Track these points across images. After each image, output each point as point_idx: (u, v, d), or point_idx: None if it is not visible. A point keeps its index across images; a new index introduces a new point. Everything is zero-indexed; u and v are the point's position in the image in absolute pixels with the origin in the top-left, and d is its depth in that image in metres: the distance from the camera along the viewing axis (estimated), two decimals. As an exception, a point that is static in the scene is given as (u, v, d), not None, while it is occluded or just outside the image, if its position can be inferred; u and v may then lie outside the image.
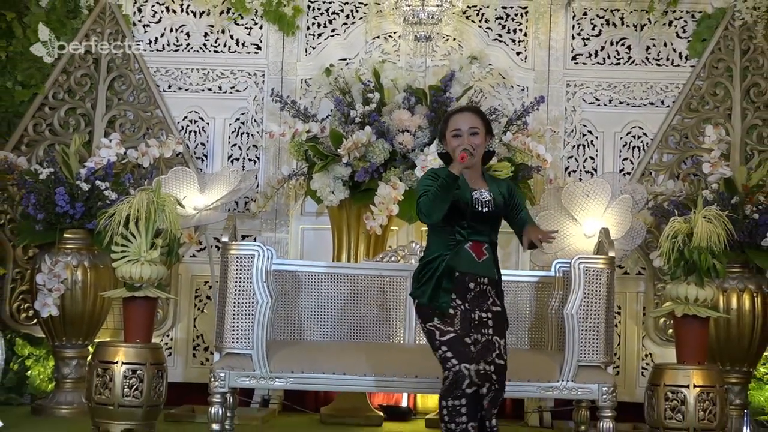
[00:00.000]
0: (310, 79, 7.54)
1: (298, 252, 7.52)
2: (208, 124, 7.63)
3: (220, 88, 7.64)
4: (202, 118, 7.63)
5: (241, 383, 5.67)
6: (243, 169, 7.46)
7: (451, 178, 4.81)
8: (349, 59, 7.59)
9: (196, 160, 7.52)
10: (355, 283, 6.05)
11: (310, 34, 7.65)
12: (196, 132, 7.63)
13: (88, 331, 6.92)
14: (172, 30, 7.67)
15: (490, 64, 7.46)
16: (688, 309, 5.87)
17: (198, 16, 7.65)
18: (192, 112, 7.63)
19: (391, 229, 7.05)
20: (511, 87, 7.55)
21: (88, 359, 6.44)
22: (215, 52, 7.65)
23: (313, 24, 7.65)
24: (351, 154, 6.71)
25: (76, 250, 6.85)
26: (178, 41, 7.66)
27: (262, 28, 7.64)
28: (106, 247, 6.18)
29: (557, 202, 6.92)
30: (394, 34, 7.58)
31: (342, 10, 7.65)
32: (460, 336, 4.82)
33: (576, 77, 7.56)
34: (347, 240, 7.02)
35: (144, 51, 7.60)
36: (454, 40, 7.56)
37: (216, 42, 7.66)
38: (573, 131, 7.54)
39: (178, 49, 7.66)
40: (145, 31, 7.66)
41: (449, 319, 4.85)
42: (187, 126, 7.62)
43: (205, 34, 7.66)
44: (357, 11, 7.63)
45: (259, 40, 7.65)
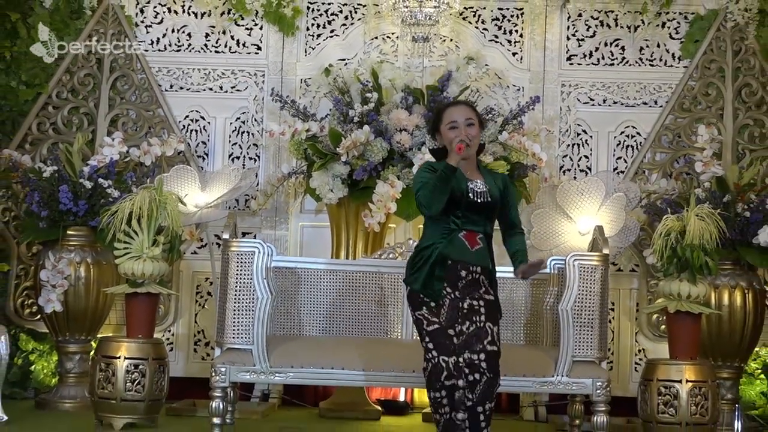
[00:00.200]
0: (310, 79, 7.54)
1: (298, 249, 7.51)
2: (209, 123, 7.62)
3: (221, 88, 7.63)
4: (203, 117, 7.62)
5: (242, 378, 5.68)
6: (243, 168, 7.46)
7: (449, 170, 4.81)
8: (348, 59, 7.58)
9: (197, 159, 7.52)
10: (353, 279, 6.06)
11: (309, 35, 7.65)
12: (197, 131, 7.62)
13: (91, 327, 6.92)
14: (173, 30, 7.66)
15: (487, 65, 7.45)
16: (680, 305, 5.88)
17: (199, 17, 7.65)
18: (193, 111, 7.63)
19: (389, 226, 7.05)
20: (507, 87, 7.55)
21: (91, 354, 6.45)
22: (216, 52, 7.65)
23: (313, 25, 7.65)
24: (350, 152, 6.71)
25: (80, 246, 6.84)
26: (179, 42, 7.65)
27: (262, 29, 7.63)
28: (108, 244, 6.19)
29: (552, 201, 6.92)
30: (392, 35, 7.57)
31: (341, 11, 7.64)
32: (444, 328, 4.82)
33: (571, 77, 7.56)
34: (346, 237, 7.02)
35: (146, 51, 7.60)
36: (451, 40, 7.56)
37: (217, 42, 7.65)
38: (568, 130, 7.53)
39: (179, 50, 7.65)
40: (147, 32, 7.65)
41: (437, 309, 4.85)
42: (189, 125, 7.62)
43: (206, 35, 7.65)
44: (356, 12, 7.63)
45: (260, 40, 7.64)
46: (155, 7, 7.66)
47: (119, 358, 5.94)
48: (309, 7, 7.64)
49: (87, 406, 6.48)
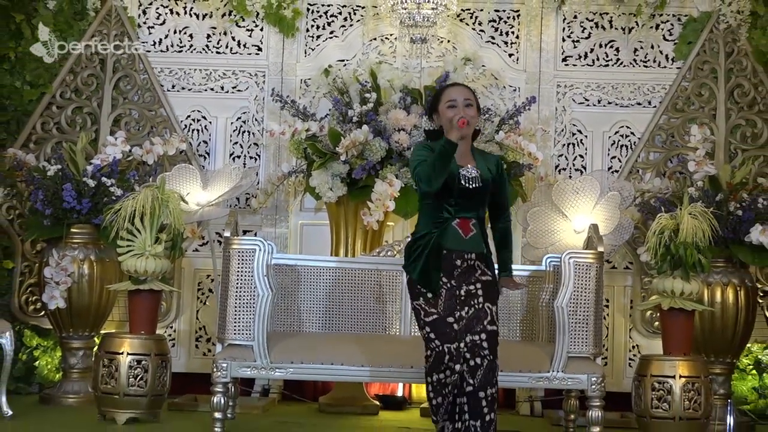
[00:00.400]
0: (309, 79, 7.53)
1: (298, 246, 7.51)
2: (210, 122, 7.62)
3: (222, 88, 7.62)
4: (204, 117, 7.62)
5: (243, 373, 5.67)
6: (244, 167, 7.45)
7: (449, 145, 4.78)
8: (347, 60, 7.58)
9: (198, 158, 7.51)
10: (352, 276, 6.05)
11: (309, 36, 7.64)
12: (198, 130, 7.61)
13: (95, 323, 6.91)
14: (175, 32, 7.65)
15: (484, 66, 7.44)
16: (674, 302, 5.88)
17: (201, 18, 7.64)
18: (195, 111, 7.62)
19: (387, 224, 7.05)
20: (504, 87, 7.54)
21: (95, 350, 6.45)
22: (217, 53, 7.64)
23: (312, 26, 7.64)
24: (349, 152, 6.70)
25: (83, 244, 6.84)
26: (181, 42, 7.64)
27: (262, 30, 7.63)
28: (111, 241, 6.18)
29: (548, 199, 6.92)
30: (391, 36, 7.57)
31: (340, 13, 7.63)
32: (443, 317, 4.83)
33: (566, 78, 7.56)
34: (345, 235, 7.01)
35: (148, 52, 7.59)
36: (449, 42, 7.55)
37: (218, 43, 7.64)
38: (563, 130, 7.53)
39: (181, 50, 7.64)
40: (150, 33, 7.65)
41: (434, 300, 4.86)
42: (190, 125, 7.61)
43: (208, 36, 7.64)
44: (355, 14, 7.62)
45: (260, 41, 7.64)
46: (157, 8, 7.65)
47: (122, 353, 5.93)
48: (309, 9, 7.64)
49: (90, 401, 6.48)
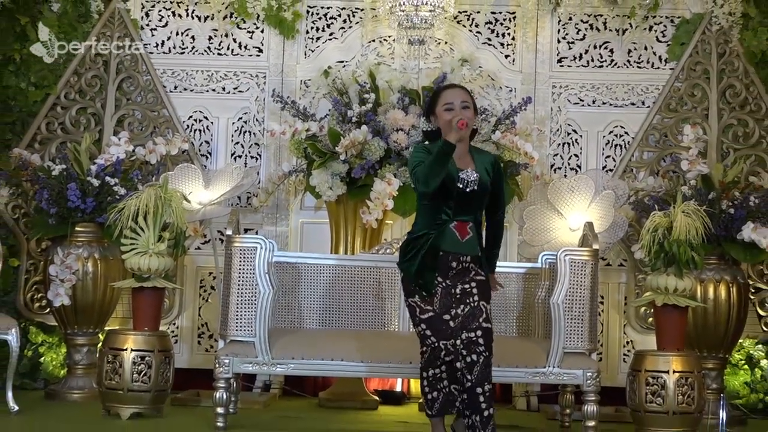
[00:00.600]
0: (309, 80, 7.53)
1: (298, 244, 7.50)
2: (212, 123, 7.62)
3: (224, 89, 7.62)
4: (206, 118, 7.62)
5: (244, 369, 5.68)
6: (245, 166, 7.45)
7: (447, 146, 4.78)
8: (346, 62, 7.57)
9: (200, 158, 7.51)
10: (352, 274, 6.06)
11: (309, 38, 7.64)
12: (200, 131, 7.61)
13: (99, 320, 6.91)
14: (178, 33, 7.65)
15: (480, 67, 7.45)
16: (667, 299, 5.89)
17: (202, 20, 7.64)
18: (197, 111, 7.62)
19: (386, 222, 7.05)
20: (500, 88, 7.54)
21: (99, 346, 6.45)
22: (219, 54, 7.64)
23: (312, 28, 7.64)
24: (348, 151, 6.71)
25: (87, 242, 6.83)
26: (183, 44, 7.64)
27: (263, 32, 7.62)
28: (115, 239, 6.18)
29: (543, 198, 6.93)
30: (389, 37, 7.57)
31: (339, 15, 7.64)
32: (438, 314, 4.86)
33: (561, 79, 7.56)
34: (344, 233, 7.02)
35: (151, 53, 7.59)
36: (446, 43, 7.55)
37: (220, 45, 7.64)
38: (558, 130, 7.54)
39: (183, 52, 7.64)
40: (153, 35, 7.64)
41: (429, 298, 4.88)
42: (193, 125, 7.61)
43: (210, 38, 7.64)
44: (354, 16, 7.62)
45: (261, 43, 7.64)
46: (160, 11, 7.65)
47: (126, 350, 5.94)
48: (308, 11, 7.63)
49: (95, 397, 6.48)
